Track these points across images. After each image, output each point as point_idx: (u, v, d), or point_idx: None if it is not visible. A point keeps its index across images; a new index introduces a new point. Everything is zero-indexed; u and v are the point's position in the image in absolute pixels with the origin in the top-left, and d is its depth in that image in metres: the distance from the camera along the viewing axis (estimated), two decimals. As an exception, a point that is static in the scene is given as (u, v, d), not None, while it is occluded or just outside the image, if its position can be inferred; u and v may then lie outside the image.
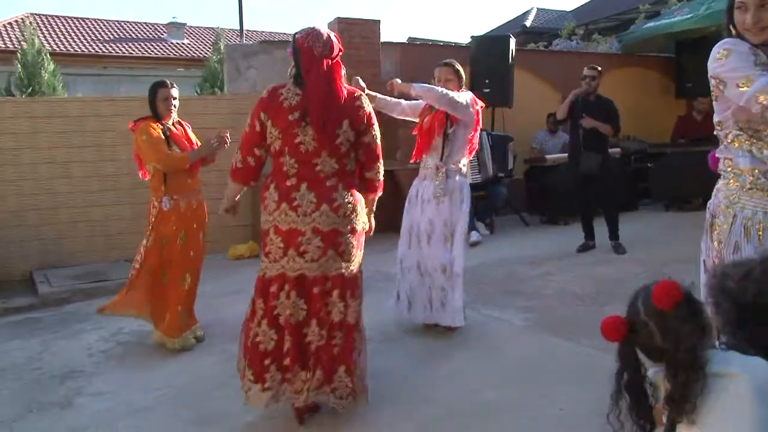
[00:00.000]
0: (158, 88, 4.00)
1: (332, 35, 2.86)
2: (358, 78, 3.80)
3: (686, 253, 5.24)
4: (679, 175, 7.70)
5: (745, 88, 2.00)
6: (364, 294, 3.03)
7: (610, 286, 4.81)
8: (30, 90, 10.75)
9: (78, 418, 3.19)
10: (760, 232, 2.08)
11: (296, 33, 2.86)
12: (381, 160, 3.07)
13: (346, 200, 2.86)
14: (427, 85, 3.92)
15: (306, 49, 2.78)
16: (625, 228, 6.05)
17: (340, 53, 2.86)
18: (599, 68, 6.07)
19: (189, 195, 4.06)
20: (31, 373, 3.80)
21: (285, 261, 2.80)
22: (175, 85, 4.08)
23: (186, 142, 4.10)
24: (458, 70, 4.13)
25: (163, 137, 3.92)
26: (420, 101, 4.13)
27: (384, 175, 3.15)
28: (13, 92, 10.91)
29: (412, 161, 4.31)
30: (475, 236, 6.58)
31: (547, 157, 7.77)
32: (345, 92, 2.86)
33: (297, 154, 2.80)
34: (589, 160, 5.96)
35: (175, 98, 4.03)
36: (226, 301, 4.95)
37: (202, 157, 4.11)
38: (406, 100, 4.24)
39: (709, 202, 2.29)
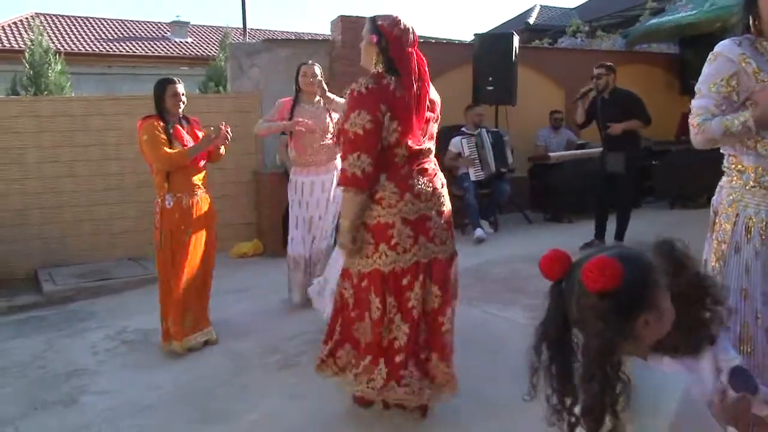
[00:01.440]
0: (167, 85, 3.96)
1: (411, 24, 2.79)
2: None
3: (691, 251, 5.26)
4: (684, 173, 7.67)
5: (697, 118, 2.10)
6: None
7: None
8: (35, 89, 10.77)
9: (82, 416, 3.20)
10: (762, 231, 2.07)
11: (377, 20, 2.74)
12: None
13: (443, 181, 2.95)
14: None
15: (395, 38, 2.71)
16: (629, 226, 6.03)
17: (416, 42, 2.81)
18: (609, 64, 5.94)
19: (193, 192, 4.01)
20: (35, 372, 3.82)
21: (417, 249, 2.75)
22: (181, 82, 4.06)
23: (190, 139, 4.05)
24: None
25: (164, 136, 3.88)
26: None
27: None
28: (18, 91, 10.92)
29: None
30: (479, 234, 6.58)
31: (551, 154, 7.74)
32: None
33: (408, 144, 2.73)
34: (613, 159, 5.88)
35: (183, 94, 4.00)
36: (231, 300, 4.96)
37: (208, 152, 4.09)
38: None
39: (713, 198, 2.28)
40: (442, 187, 2.91)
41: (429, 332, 2.79)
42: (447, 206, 2.91)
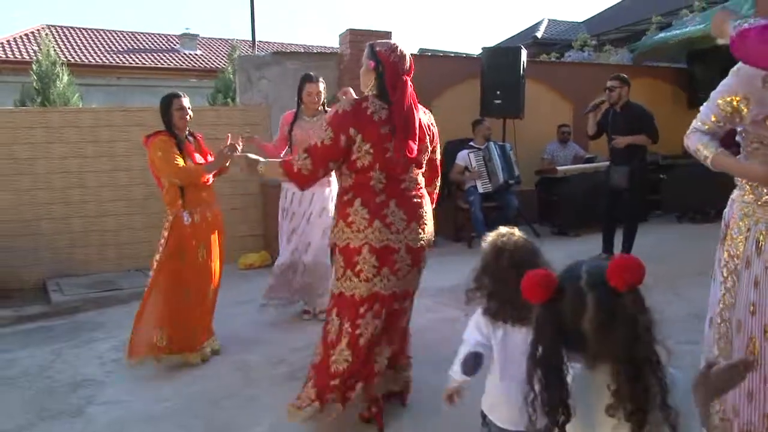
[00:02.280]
0: (173, 99, 3.95)
1: (408, 51, 2.87)
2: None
3: (698, 266, 5.20)
4: (691, 187, 7.65)
5: (694, 122, 2.15)
6: None
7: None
8: (41, 100, 10.84)
9: (89, 426, 3.21)
10: None
11: (375, 46, 2.83)
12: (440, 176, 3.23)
13: (429, 216, 2.96)
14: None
15: (391, 63, 2.77)
16: (636, 240, 6.01)
17: (411, 70, 2.89)
18: (623, 77, 5.94)
19: (204, 208, 3.99)
20: (43, 382, 3.82)
21: (378, 280, 2.79)
22: (186, 96, 4.05)
23: (199, 155, 4.06)
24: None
25: (177, 151, 3.87)
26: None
27: None
28: (26, 103, 11.00)
29: None
30: (486, 247, 6.56)
31: (558, 168, 7.75)
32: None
33: (387, 169, 2.76)
34: (617, 174, 5.89)
35: (189, 108, 3.99)
36: (238, 311, 4.97)
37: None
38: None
39: (725, 211, 2.27)
40: (421, 222, 2.87)
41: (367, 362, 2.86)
42: (421, 242, 2.88)
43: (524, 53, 7.53)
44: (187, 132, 4.05)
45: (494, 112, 7.45)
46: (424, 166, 2.96)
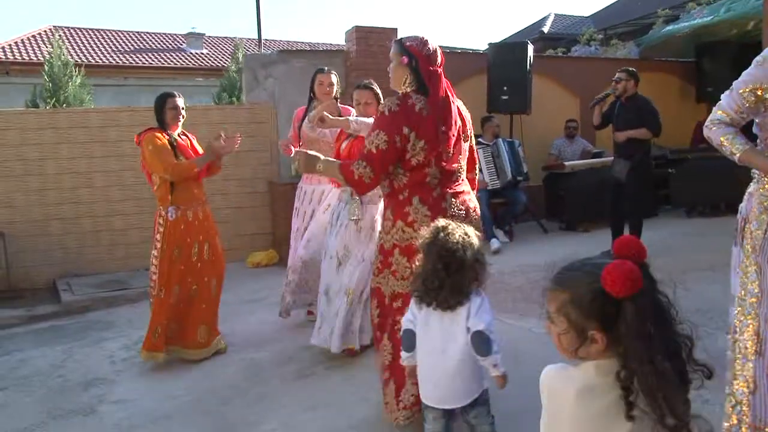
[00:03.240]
0: (167, 98, 4.00)
1: (436, 44, 2.85)
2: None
3: (707, 261, 5.22)
4: (700, 181, 7.63)
5: (715, 113, 2.15)
6: None
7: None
8: (54, 101, 10.90)
9: (100, 425, 3.23)
10: None
11: (405, 42, 2.80)
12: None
13: (476, 204, 2.94)
14: (362, 118, 3.75)
15: (424, 57, 2.76)
16: (645, 235, 5.96)
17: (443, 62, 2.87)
18: (632, 70, 5.94)
19: (196, 205, 4.01)
20: (54, 381, 3.85)
21: None
22: (181, 96, 4.07)
23: (192, 153, 4.08)
24: (377, 93, 3.98)
25: (169, 147, 3.91)
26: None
27: None
28: (38, 104, 11.06)
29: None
30: (495, 244, 6.57)
31: (566, 163, 7.72)
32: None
33: (440, 163, 2.75)
34: (618, 166, 5.87)
35: (183, 108, 4.02)
36: (246, 310, 4.99)
37: (208, 165, 4.11)
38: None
39: (741, 205, 2.25)
40: (474, 210, 2.88)
41: None
42: (479, 228, 2.82)
43: (531, 48, 7.51)
44: (179, 131, 4.08)
45: (501, 108, 7.44)
46: (466, 153, 2.95)
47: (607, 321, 1.27)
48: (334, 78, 4.46)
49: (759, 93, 2.09)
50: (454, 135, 2.80)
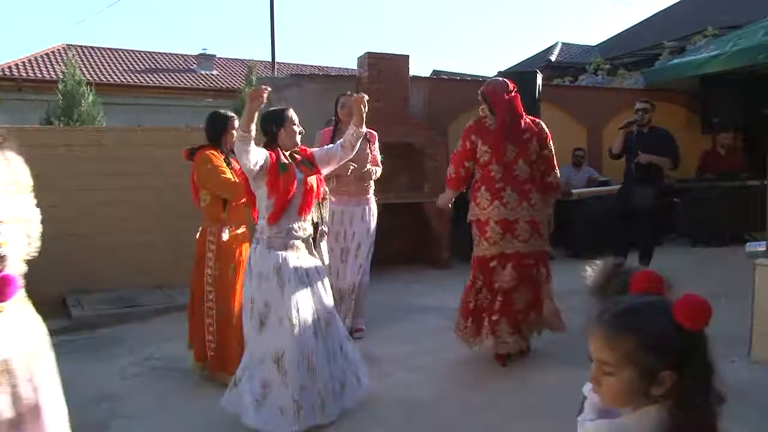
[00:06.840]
0: (231, 120, 3.99)
1: (506, 80, 4.11)
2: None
3: (711, 289, 5.22)
4: (705, 211, 7.67)
5: None
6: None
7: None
8: (68, 119, 11.03)
9: (113, 441, 3.25)
10: None
11: (482, 88, 4.13)
12: (557, 168, 4.21)
13: (537, 197, 3.99)
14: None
15: (491, 92, 4.05)
16: (651, 263, 6.02)
17: (515, 89, 4.07)
18: (651, 101, 6.09)
19: (237, 226, 3.99)
20: (66, 396, 3.86)
21: (503, 243, 3.90)
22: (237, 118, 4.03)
23: (241, 175, 4.07)
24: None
25: (226, 165, 3.89)
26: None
27: (411, 207, 3.39)
28: (52, 121, 11.18)
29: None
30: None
31: (573, 191, 7.78)
32: (526, 117, 4.06)
33: (501, 163, 3.91)
34: (643, 191, 5.88)
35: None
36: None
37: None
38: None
39: None
40: (531, 202, 3.93)
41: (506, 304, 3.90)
42: (533, 216, 3.96)
43: (539, 77, 7.61)
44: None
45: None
46: (533, 159, 3.99)
47: (678, 358, 1.24)
48: None
49: None
50: (509, 145, 3.92)
